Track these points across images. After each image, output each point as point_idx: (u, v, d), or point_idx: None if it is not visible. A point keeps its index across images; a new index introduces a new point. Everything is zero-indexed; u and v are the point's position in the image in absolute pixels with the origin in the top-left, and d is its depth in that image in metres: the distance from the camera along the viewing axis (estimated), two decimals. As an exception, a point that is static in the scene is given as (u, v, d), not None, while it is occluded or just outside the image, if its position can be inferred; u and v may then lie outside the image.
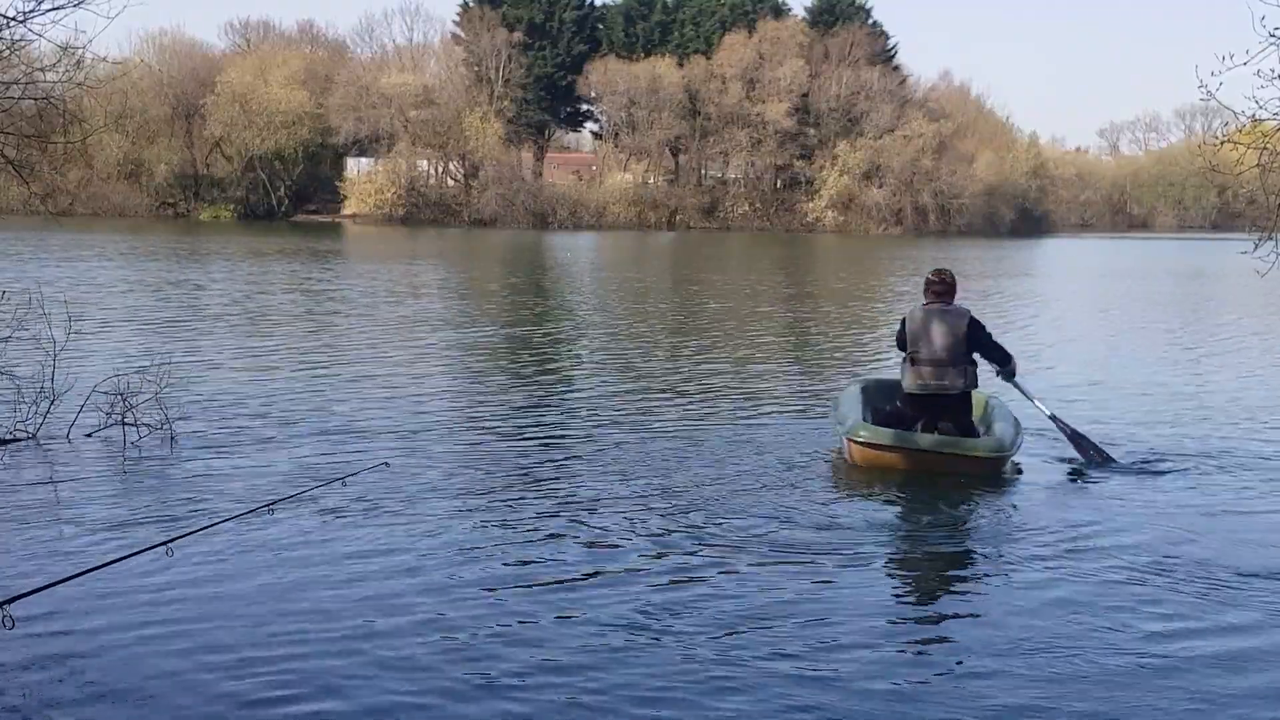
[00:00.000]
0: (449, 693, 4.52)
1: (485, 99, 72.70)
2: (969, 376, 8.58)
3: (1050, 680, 4.73)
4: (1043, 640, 5.16)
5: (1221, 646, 5.14)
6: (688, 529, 6.72)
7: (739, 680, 4.65)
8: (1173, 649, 5.10)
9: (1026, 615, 5.48)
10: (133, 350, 13.25)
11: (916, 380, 8.57)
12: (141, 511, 6.82)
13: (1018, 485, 8.20)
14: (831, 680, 4.67)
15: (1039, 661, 4.92)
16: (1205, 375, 13.87)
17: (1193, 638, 5.24)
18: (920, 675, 4.78)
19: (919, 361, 8.55)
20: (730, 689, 4.58)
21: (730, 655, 4.89)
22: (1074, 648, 5.08)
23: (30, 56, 9.13)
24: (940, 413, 8.54)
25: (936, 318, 8.55)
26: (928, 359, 8.52)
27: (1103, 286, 31.57)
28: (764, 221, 76.32)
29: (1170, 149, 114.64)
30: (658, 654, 4.92)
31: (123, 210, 63.81)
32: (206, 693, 4.46)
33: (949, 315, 8.57)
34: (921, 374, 8.55)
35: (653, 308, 22.08)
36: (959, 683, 4.70)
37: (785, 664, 4.81)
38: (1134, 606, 5.59)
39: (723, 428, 9.79)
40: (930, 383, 8.52)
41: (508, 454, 8.61)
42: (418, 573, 5.86)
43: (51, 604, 5.01)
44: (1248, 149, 9.14)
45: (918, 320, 8.60)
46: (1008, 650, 5.04)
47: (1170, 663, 4.95)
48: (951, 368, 8.50)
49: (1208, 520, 7.23)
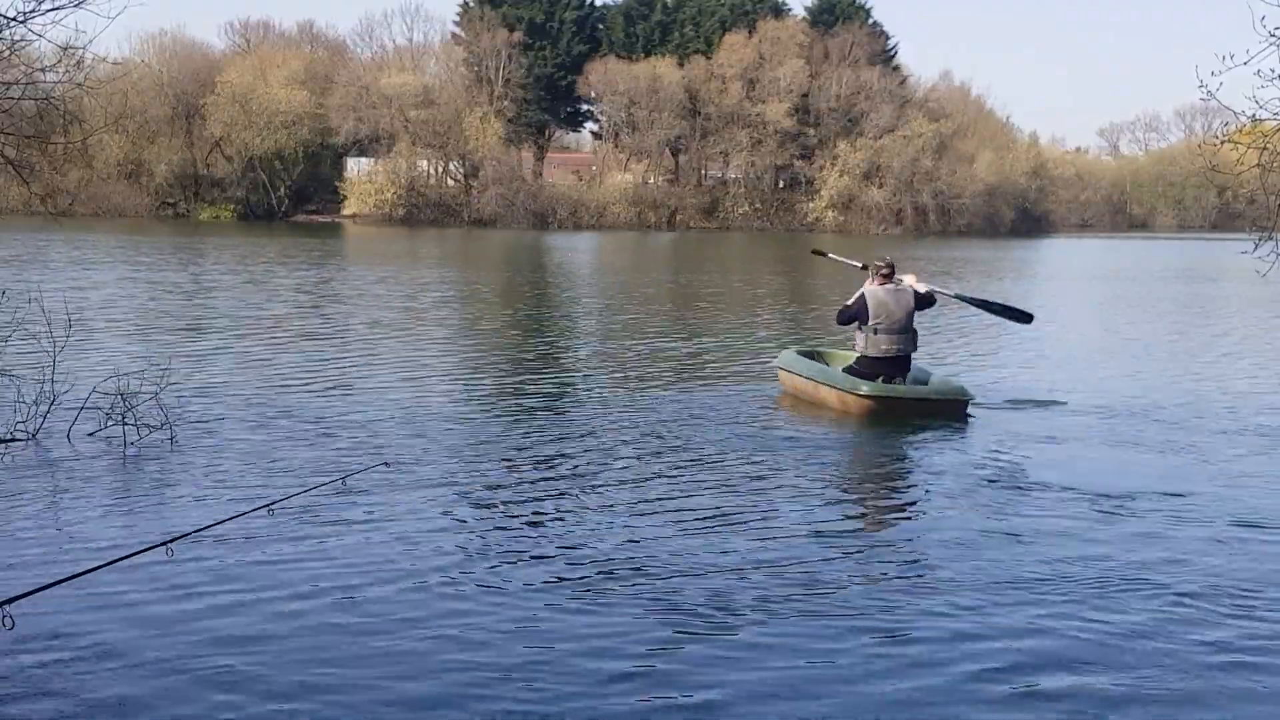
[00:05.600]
0: (451, 692, 4.52)
1: (485, 99, 72.69)
2: (917, 341, 10.77)
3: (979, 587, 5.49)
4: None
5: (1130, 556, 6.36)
6: (692, 531, 6.72)
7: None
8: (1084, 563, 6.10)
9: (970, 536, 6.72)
10: (133, 350, 13.25)
11: (881, 346, 10.52)
12: (141, 511, 6.83)
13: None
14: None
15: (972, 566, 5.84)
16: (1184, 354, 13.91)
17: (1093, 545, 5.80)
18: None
19: (882, 331, 10.51)
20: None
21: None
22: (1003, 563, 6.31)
23: (30, 57, 9.14)
24: (897, 370, 10.59)
25: (894, 295, 10.60)
26: (889, 329, 10.50)
27: (1102, 287, 31.57)
28: (764, 221, 76.31)
29: (1170, 149, 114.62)
30: (664, 655, 4.92)
31: (123, 210, 63.76)
32: (206, 692, 4.45)
33: (902, 293, 10.66)
34: (887, 340, 10.52)
35: (653, 309, 22.07)
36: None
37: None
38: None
39: (723, 428, 9.79)
40: (893, 348, 10.53)
41: (508, 453, 8.61)
42: (418, 572, 5.86)
43: (51, 604, 5.01)
44: (1248, 149, 9.16)
45: (879, 298, 10.54)
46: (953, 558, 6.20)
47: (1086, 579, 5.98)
48: (907, 334, 10.62)
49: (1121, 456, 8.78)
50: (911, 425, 9.93)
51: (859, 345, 10.75)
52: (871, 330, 10.53)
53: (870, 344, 10.56)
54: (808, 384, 11.05)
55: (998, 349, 16.06)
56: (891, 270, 10.83)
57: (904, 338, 10.59)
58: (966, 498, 7.57)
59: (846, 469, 8.86)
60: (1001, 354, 15.51)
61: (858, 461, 9.09)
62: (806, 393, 11.08)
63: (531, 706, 4.42)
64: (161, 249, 35.86)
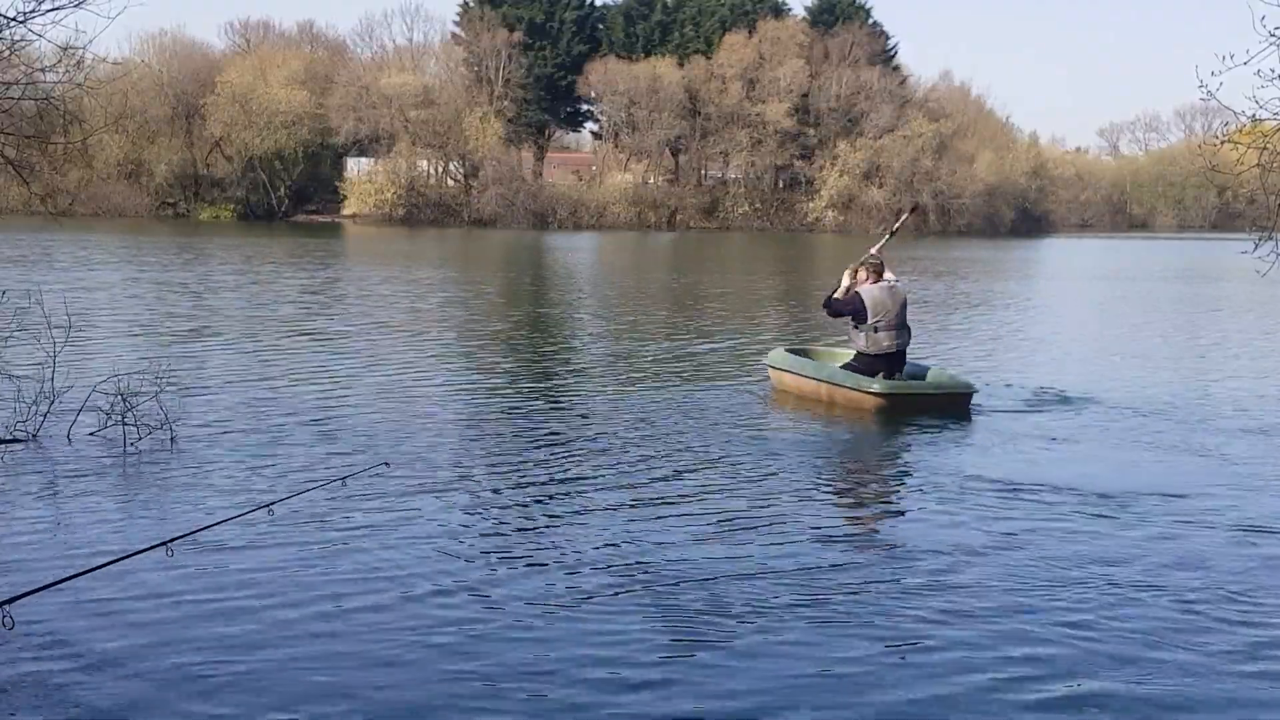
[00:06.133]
0: (451, 692, 4.53)
1: (485, 99, 72.68)
2: (910, 335, 11.09)
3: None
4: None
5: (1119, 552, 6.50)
6: (691, 534, 6.72)
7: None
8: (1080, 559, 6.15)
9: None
10: (133, 351, 13.24)
11: (883, 343, 10.83)
12: (141, 511, 6.83)
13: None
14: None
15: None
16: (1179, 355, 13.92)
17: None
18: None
19: (882, 328, 10.82)
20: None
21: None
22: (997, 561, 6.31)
23: (30, 57, 9.13)
24: (895, 366, 10.88)
25: (888, 293, 10.92)
26: (889, 325, 10.83)
27: (1102, 287, 31.57)
28: (764, 221, 76.30)
29: (1170, 149, 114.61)
30: (663, 661, 4.92)
31: (123, 210, 63.74)
32: (206, 693, 4.46)
33: (895, 290, 10.99)
34: (887, 337, 10.84)
35: (652, 309, 22.07)
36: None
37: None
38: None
39: (722, 429, 9.79)
40: (893, 344, 10.85)
41: (508, 454, 8.61)
42: (417, 573, 5.86)
43: (51, 604, 5.02)
44: (1248, 149, 9.15)
45: (877, 296, 10.84)
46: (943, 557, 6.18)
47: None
48: (904, 329, 10.97)
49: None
50: (914, 424, 10.02)
51: (859, 343, 10.97)
52: (872, 329, 10.83)
53: (871, 342, 10.85)
54: (812, 383, 11.15)
55: (1001, 349, 16.07)
56: (881, 269, 11.11)
57: (902, 333, 10.94)
58: (969, 499, 7.56)
59: (849, 470, 8.86)
60: (1004, 354, 15.52)
61: (860, 463, 9.08)
62: (810, 392, 11.15)
63: (534, 705, 4.42)
64: (161, 249, 35.85)
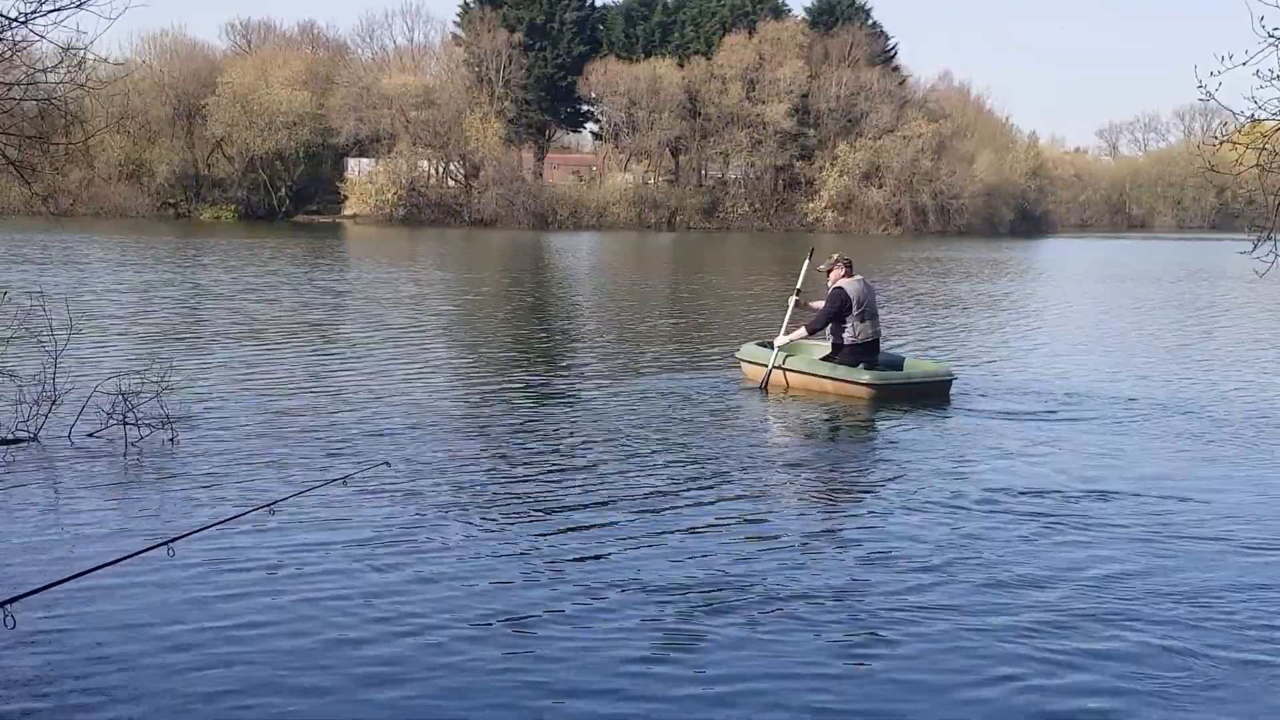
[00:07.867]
0: (451, 692, 4.54)
1: (486, 99, 72.71)
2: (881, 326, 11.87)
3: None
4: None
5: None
6: (689, 534, 6.73)
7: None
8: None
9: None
10: (134, 351, 13.25)
11: (868, 332, 11.44)
12: (141, 511, 6.84)
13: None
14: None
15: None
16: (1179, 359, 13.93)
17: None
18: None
19: (866, 317, 11.42)
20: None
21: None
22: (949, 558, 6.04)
23: (32, 58, 9.14)
24: (874, 355, 11.51)
25: (864, 286, 11.59)
26: (869, 316, 11.45)
27: (1101, 287, 31.58)
28: (764, 222, 76.32)
29: (1169, 149, 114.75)
30: (670, 657, 4.93)
31: (124, 211, 63.76)
32: (207, 693, 4.47)
33: (865, 282, 11.65)
34: (870, 327, 11.46)
35: (652, 309, 22.08)
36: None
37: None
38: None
39: (723, 430, 9.80)
40: (873, 334, 11.50)
41: (508, 453, 8.62)
42: (418, 573, 5.87)
43: (51, 604, 5.03)
44: (1247, 149, 9.15)
45: (856, 290, 11.46)
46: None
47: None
48: (878, 319, 11.69)
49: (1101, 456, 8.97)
50: (897, 417, 10.28)
51: (847, 335, 11.47)
52: (857, 319, 11.41)
53: (859, 331, 11.43)
54: (799, 376, 11.56)
55: (993, 345, 16.08)
56: (851, 263, 11.82)
57: (878, 322, 11.71)
58: (951, 496, 7.56)
59: (836, 468, 8.82)
60: (996, 350, 15.53)
61: (847, 459, 9.03)
62: (799, 385, 11.51)
63: (535, 705, 4.43)
64: (162, 249, 35.85)
